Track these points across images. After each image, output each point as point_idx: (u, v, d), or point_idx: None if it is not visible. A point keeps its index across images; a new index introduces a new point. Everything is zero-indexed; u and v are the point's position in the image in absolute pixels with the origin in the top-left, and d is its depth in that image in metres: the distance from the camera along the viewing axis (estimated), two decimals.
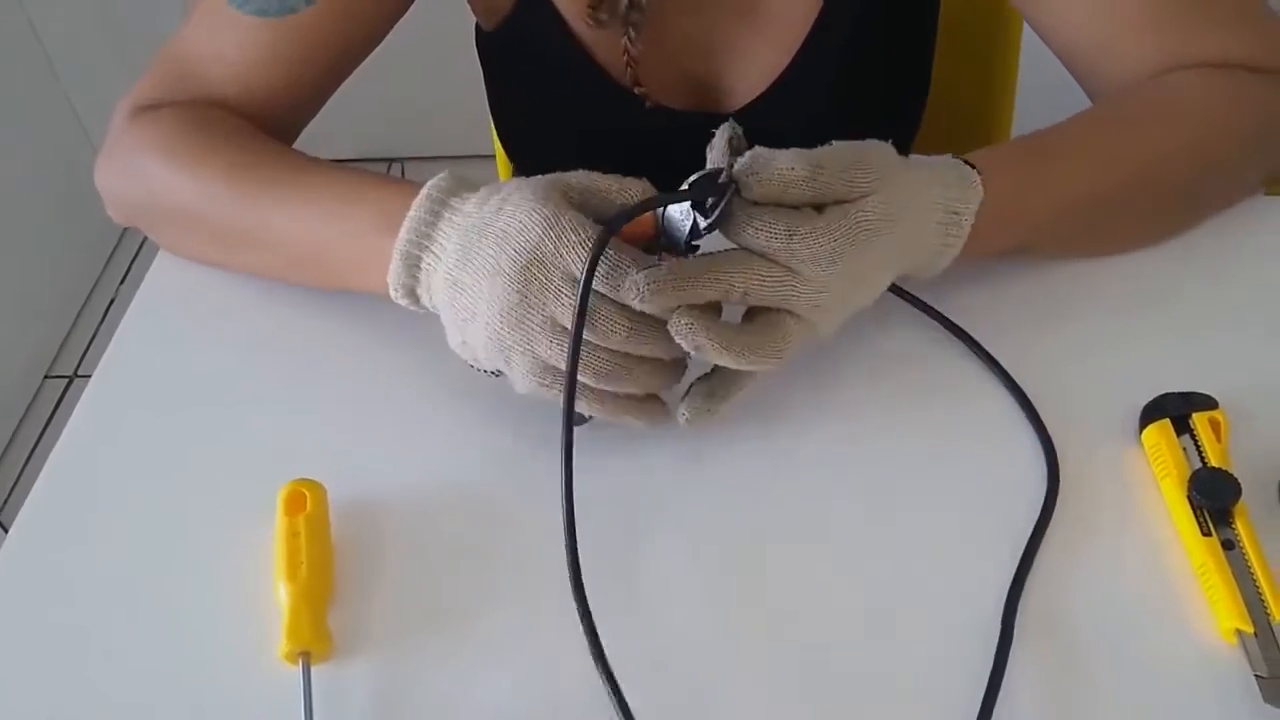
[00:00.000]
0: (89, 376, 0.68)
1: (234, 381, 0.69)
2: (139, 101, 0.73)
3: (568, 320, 0.54)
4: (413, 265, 0.59)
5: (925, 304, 0.67)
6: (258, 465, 0.63)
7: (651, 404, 0.58)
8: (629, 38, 0.75)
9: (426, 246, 0.59)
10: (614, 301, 0.54)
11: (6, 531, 1.72)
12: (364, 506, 0.61)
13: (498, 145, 1.07)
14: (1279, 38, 0.70)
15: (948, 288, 0.66)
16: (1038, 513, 0.58)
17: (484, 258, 0.56)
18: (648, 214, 0.56)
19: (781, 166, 0.54)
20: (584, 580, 0.52)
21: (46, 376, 1.90)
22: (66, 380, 1.89)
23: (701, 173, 0.56)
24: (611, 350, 0.55)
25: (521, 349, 0.56)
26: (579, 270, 0.54)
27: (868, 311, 0.61)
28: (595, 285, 0.54)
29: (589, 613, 0.51)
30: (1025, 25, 0.85)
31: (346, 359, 0.68)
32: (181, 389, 0.68)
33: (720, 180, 0.54)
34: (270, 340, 0.70)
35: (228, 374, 0.69)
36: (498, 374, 0.60)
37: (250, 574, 0.58)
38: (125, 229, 2.11)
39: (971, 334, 0.66)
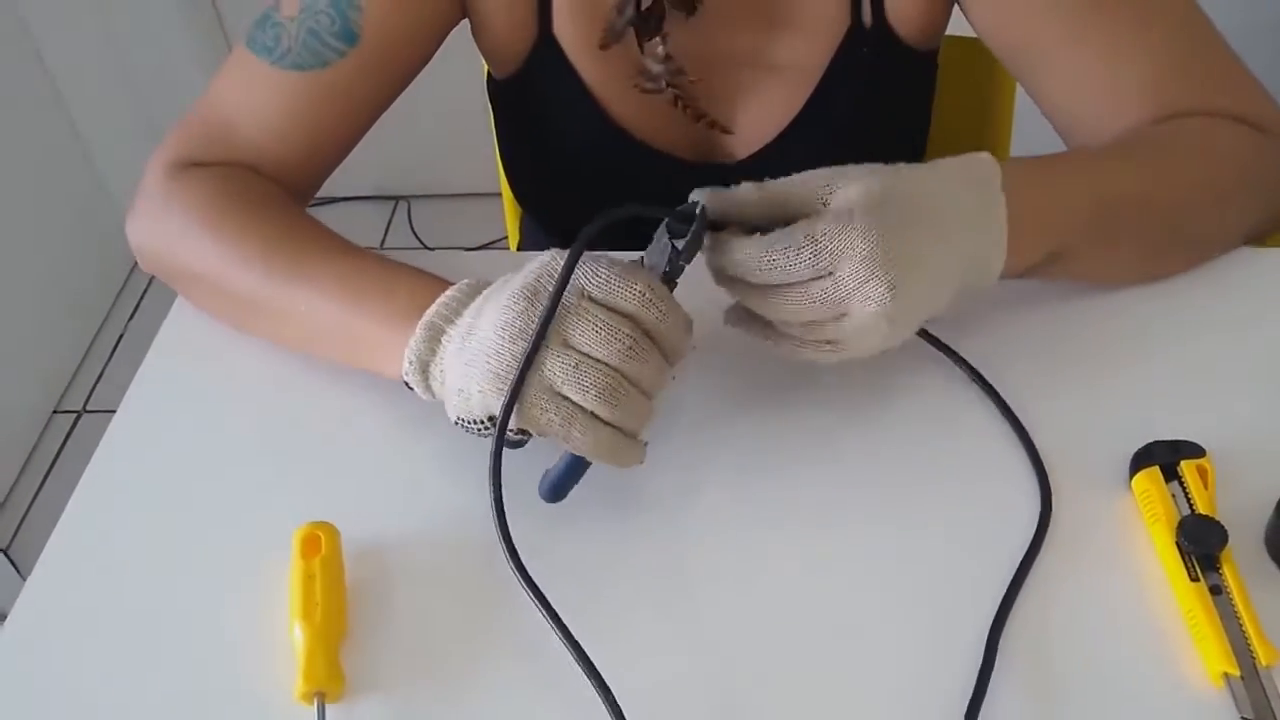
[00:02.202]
0: (97, 412, 0.70)
1: (249, 425, 0.71)
2: (175, 159, 0.75)
3: (574, 336, 0.56)
4: (434, 337, 0.61)
5: (933, 336, 0.69)
6: (272, 507, 0.65)
7: (634, 444, 0.59)
8: (676, 96, 0.78)
9: (452, 320, 0.61)
10: (617, 313, 0.57)
11: (13, 562, 1.71)
12: (376, 548, 0.63)
13: (505, 187, 1.10)
14: (1260, 98, 0.73)
15: (956, 323, 0.69)
16: (1027, 545, 0.60)
17: (497, 298, 0.59)
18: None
19: (736, 190, 0.59)
20: (587, 619, 0.54)
21: (55, 411, 1.92)
22: (75, 415, 1.91)
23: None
24: (612, 367, 0.56)
25: (519, 364, 0.56)
26: (590, 285, 0.57)
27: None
28: (597, 294, 0.57)
29: (586, 657, 0.53)
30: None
31: (361, 404, 0.70)
32: (199, 431, 0.70)
33: (696, 212, 0.59)
34: (285, 385, 0.72)
35: (243, 418, 0.71)
36: (489, 424, 0.60)
37: (266, 615, 0.60)
38: (134, 265, 2.16)
39: (976, 367, 0.68)
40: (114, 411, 0.72)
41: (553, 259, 0.58)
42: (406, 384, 0.63)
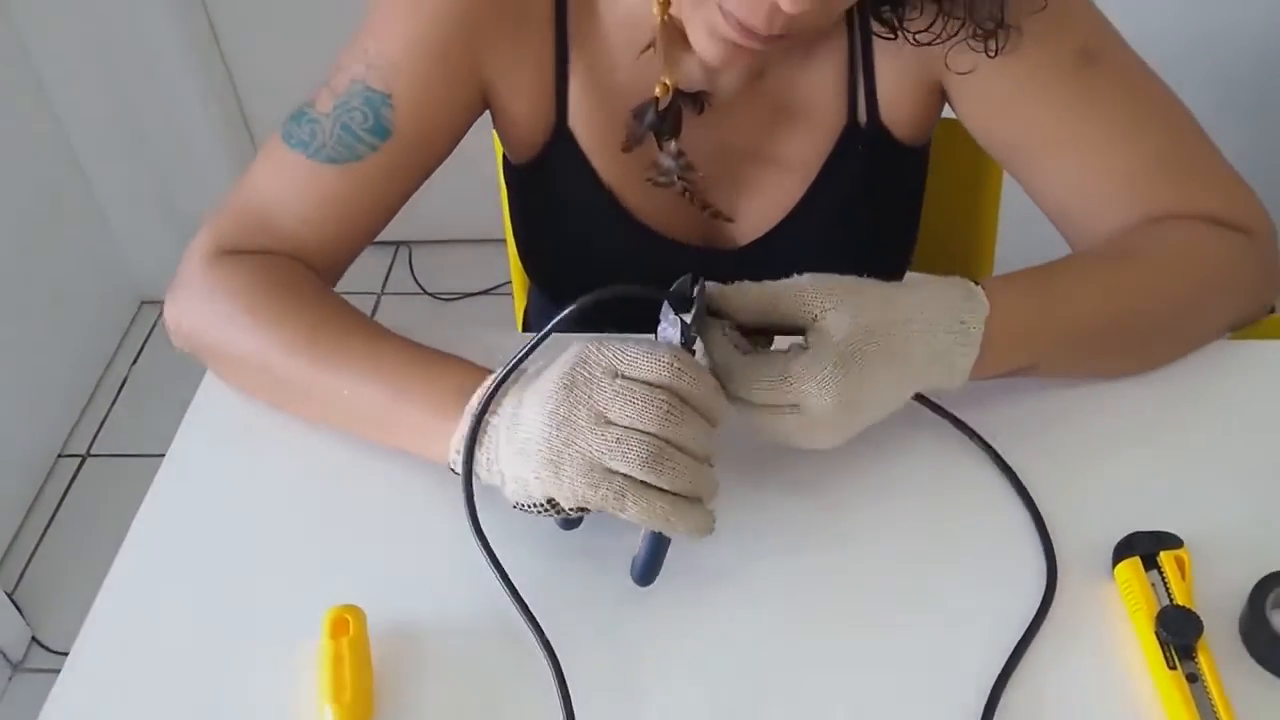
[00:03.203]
0: (102, 456, 0.73)
1: (280, 505, 0.74)
2: (215, 247, 0.79)
3: (613, 412, 0.60)
4: (479, 426, 0.65)
5: (948, 412, 0.74)
6: (301, 589, 0.68)
7: (697, 508, 0.62)
8: (682, 190, 0.83)
9: (495, 410, 0.65)
10: (651, 384, 0.61)
11: (18, 607, 1.74)
12: (402, 630, 0.66)
13: (509, 236, 1.14)
14: (1241, 198, 0.78)
15: (971, 403, 0.73)
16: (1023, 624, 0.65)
17: (536, 387, 0.63)
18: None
19: (735, 289, 0.66)
20: (602, 702, 0.58)
21: (60, 455, 1.94)
22: (79, 459, 1.93)
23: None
24: (650, 434, 0.60)
25: (569, 449, 0.61)
26: (621, 364, 0.61)
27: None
28: (629, 371, 0.61)
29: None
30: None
31: (388, 488, 0.73)
32: (230, 511, 0.74)
33: (694, 289, 0.65)
34: (314, 468, 0.75)
35: (273, 502, 0.74)
36: (550, 506, 0.64)
37: (295, 694, 0.63)
38: (139, 309, 2.19)
39: (990, 442, 0.73)
40: (118, 456, 0.75)
41: (584, 349, 0.63)
42: (452, 469, 0.67)
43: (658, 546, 0.64)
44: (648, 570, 0.64)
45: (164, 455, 0.78)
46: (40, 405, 1.93)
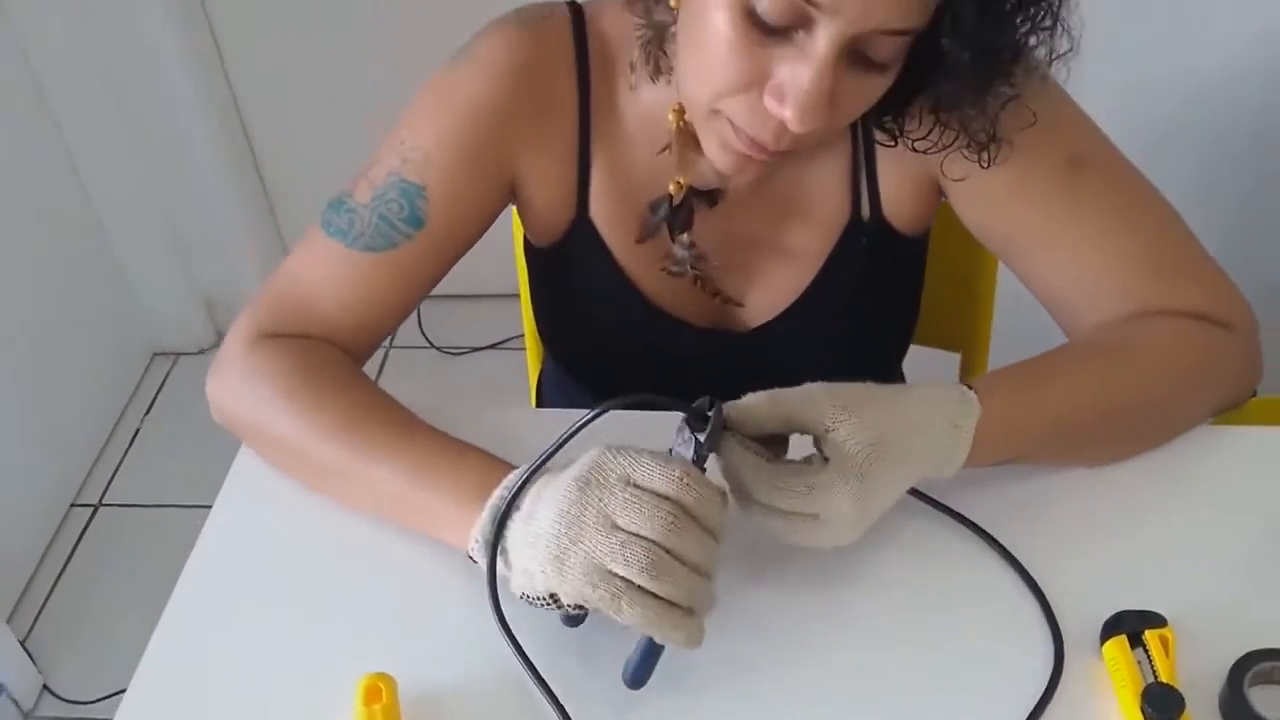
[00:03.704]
0: (113, 505, 0.77)
1: (315, 576, 0.78)
2: (256, 330, 0.83)
3: (620, 517, 0.64)
4: (498, 519, 0.69)
5: (944, 505, 0.78)
6: (334, 655, 0.72)
7: (690, 619, 0.66)
8: (694, 278, 0.89)
9: (515, 506, 0.69)
10: (659, 494, 0.65)
11: (30, 654, 1.77)
12: (430, 698, 0.70)
13: (529, 323, 1.19)
14: (1224, 294, 0.83)
15: (963, 487, 0.77)
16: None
17: (554, 485, 0.68)
18: None
19: (749, 399, 0.70)
20: None
21: (73, 505, 1.98)
22: (92, 509, 1.97)
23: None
24: (654, 541, 0.64)
25: (575, 547, 0.65)
26: (634, 473, 0.65)
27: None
28: (641, 480, 0.65)
29: None
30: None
31: (419, 559, 0.77)
32: (266, 581, 0.78)
33: (710, 409, 0.68)
34: (350, 536, 0.79)
35: (307, 572, 0.79)
36: (552, 600, 0.68)
37: None
38: (152, 361, 2.24)
39: (985, 527, 0.77)
40: (130, 505, 0.79)
41: (602, 454, 0.67)
42: (470, 557, 0.71)
43: (651, 652, 0.67)
44: (639, 674, 0.68)
45: (176, 506, 0.82)
46: (54, 455, 1.97)
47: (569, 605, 0.67)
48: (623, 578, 0.64)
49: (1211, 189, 1.58)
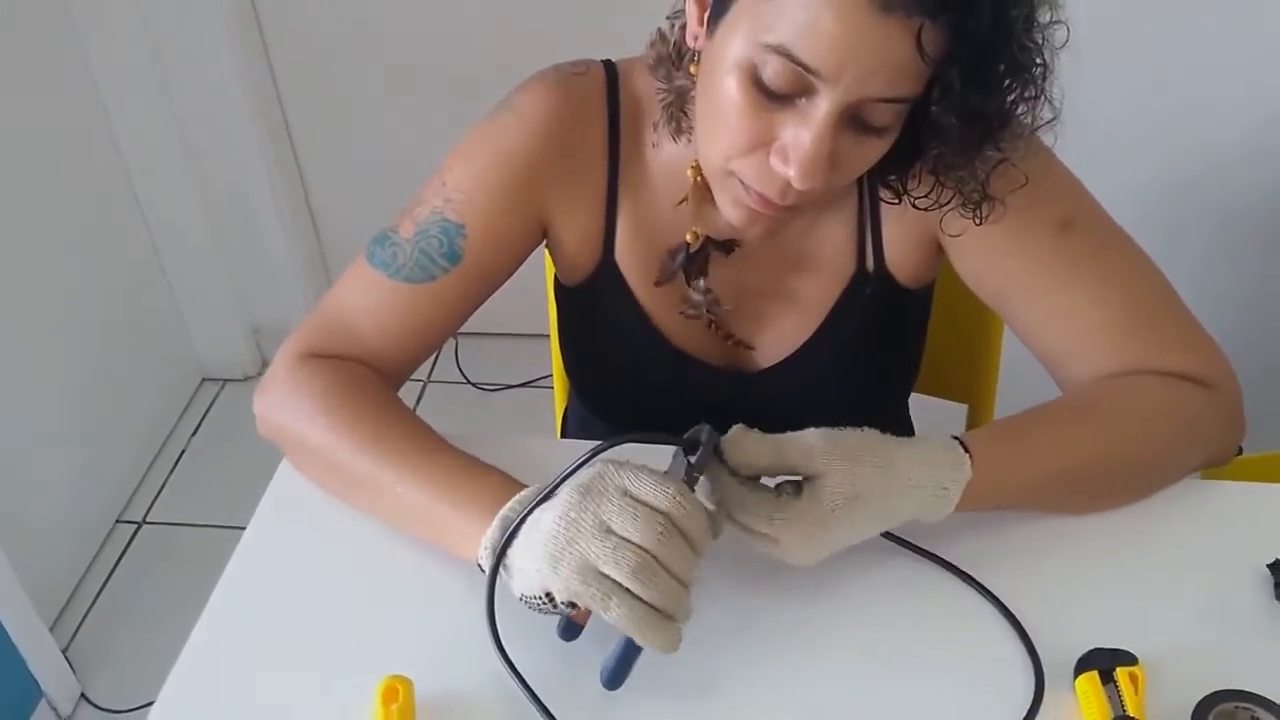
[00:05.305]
0: (157, 524, 0.82)
1: (335, 592, 0.84)
2: (302, 350, 0.90)
3: (615, 524, 0.70)
4: (506, 529, 0.75)
5: (923, 549, 0.83)
6: (356, 658, 0.78)
7: (670, 625, 0.70)
8: (709, 321, 0.95)
9: (525, 520, 0.75)
10: (652, 507, 0.70)
11: (70, 664, 1.84)
12: (444, 698, 0.75)
13: (553, 332, 1.25)
14: (1208, 356, 0.87)
15: (948, 528, 0.81)
16: None
17: (557, 495, 0.73)
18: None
19: (753, 446, 0.75)
20: None
21: (118, 521, 2.05)
22: (135, 526, 2.05)
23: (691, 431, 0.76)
24: (643, 548, 0.70)
25: (571, 547, 0.70)
26: (631, 486, 0.71)
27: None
28: (636, 493, 0.71)
29: None
30: None
31: (435, 569, 0.83)
32: (298, 589, 0.84)
33: (704, 437, 0.74)
34: (374, 551, 0.85)
35: (331, 586, 0.84)
36: (548, 599, 0.73)
37: None
38: (200, 385, 2.33)
39: (970, 571, 0.81)
40: (173, 524, 0.84)
41: (604, 467, 0.73)
42: (479, 567, 0.77)
43: (628, 655, 0.72)
44: (616, 674, 0.73)
45: (216, 526, 0.87)
46: (102, 472, 2.05)
47: (562, 603, 0.72)
48: (613, 579, 0.69)
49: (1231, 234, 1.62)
